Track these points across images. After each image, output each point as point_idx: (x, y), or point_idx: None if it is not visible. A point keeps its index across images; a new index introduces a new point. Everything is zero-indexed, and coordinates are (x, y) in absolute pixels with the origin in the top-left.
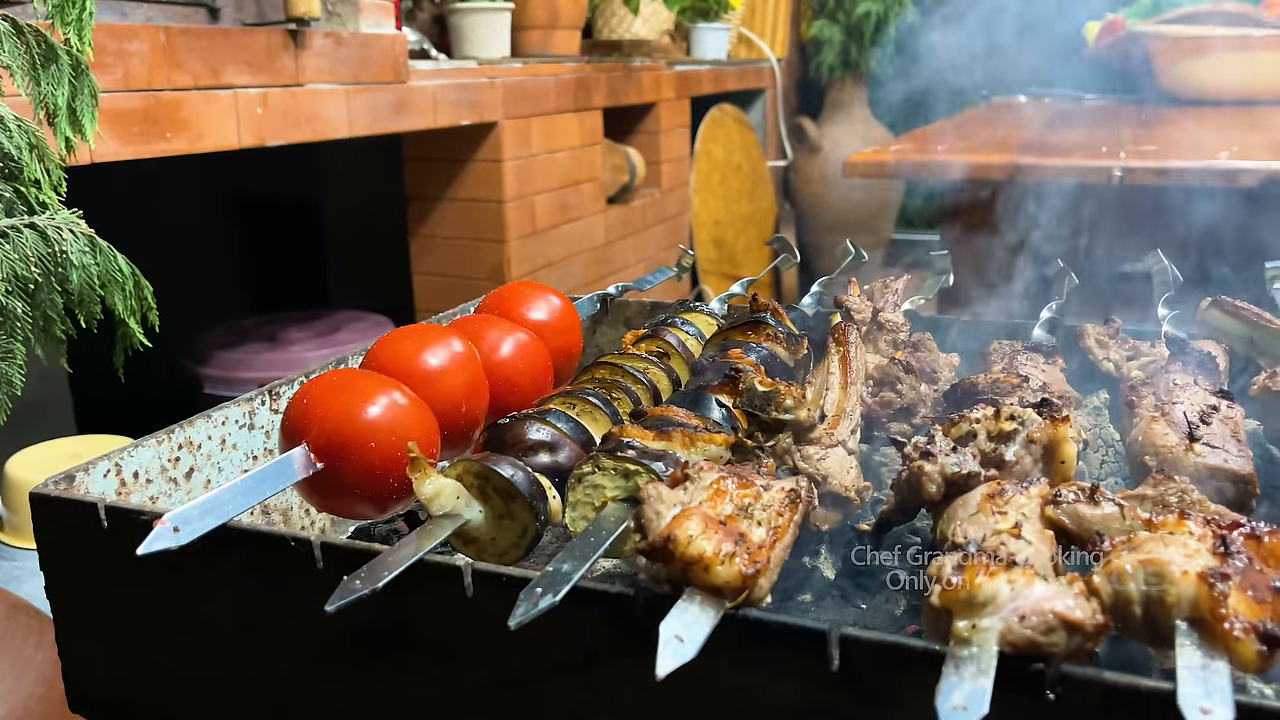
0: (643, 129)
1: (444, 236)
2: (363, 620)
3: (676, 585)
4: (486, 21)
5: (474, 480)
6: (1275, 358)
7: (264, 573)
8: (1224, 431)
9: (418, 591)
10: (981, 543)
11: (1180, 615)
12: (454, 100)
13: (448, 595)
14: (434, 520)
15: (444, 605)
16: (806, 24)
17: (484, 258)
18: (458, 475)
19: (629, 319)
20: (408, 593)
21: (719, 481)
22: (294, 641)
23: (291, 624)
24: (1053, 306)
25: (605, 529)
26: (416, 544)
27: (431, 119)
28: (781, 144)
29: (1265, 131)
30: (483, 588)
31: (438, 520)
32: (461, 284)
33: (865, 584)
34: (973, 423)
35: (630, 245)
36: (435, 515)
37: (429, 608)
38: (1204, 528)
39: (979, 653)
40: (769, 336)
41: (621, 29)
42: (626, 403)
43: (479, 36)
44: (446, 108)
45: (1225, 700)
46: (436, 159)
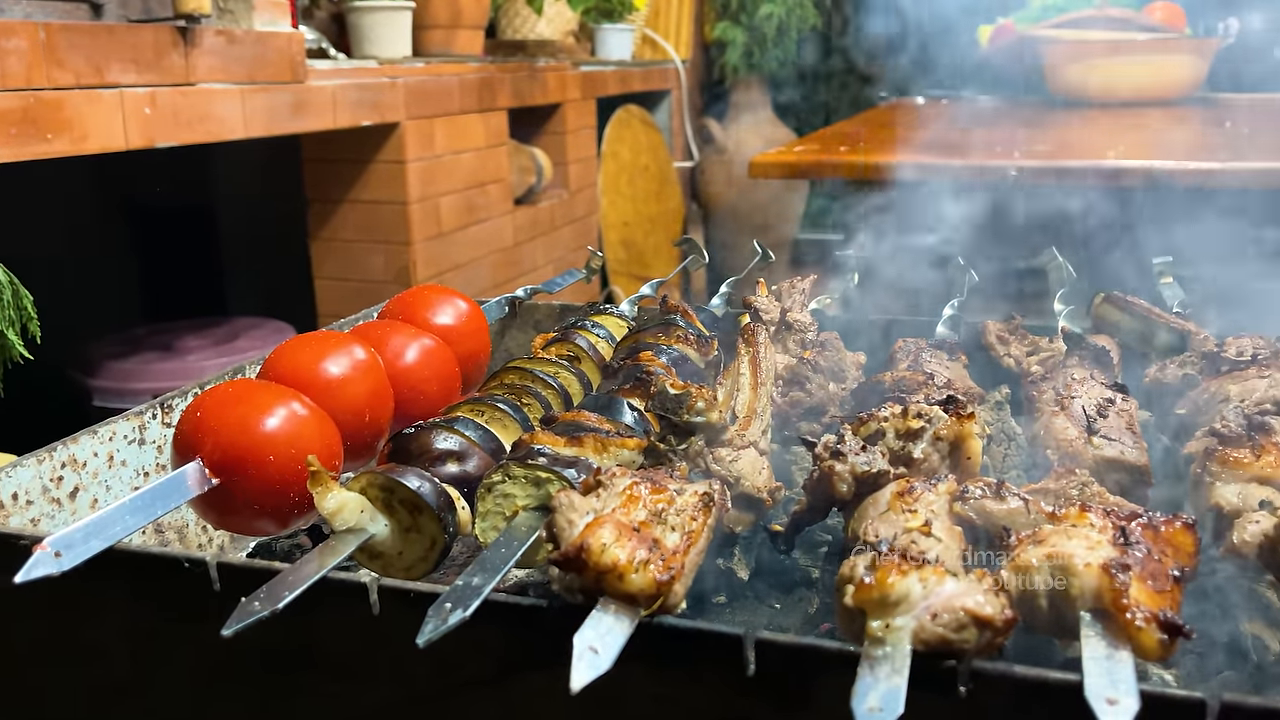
0: (549, 130)
1: (346, 239)
2: (264, 642)
3: (590, 595)
4: (387, 20)
5: (379, 493)
6: (1164, 350)
7: (156, 597)
8: (1120, 424)
9: (321, 611)
10: (893, 541)
11: (1084, 607)
12: (354, 100)
13: (353, 613)
14: (337, 536)
15: (349, 624)
16: (710, 26)
17: (388, 261)
18: (361, 488)
19: (538, 322)
20: (311, 612)
21: (632, 487)
22: (189, 668)
23: (186, 650)
24: (954, 304)
25: (517, 539)
26: (319, 561)
27: (331, 119)
28: (687, 145)
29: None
30: (390, 605)
31: (341, 536)
32: (366, 288)
33: (778, 583)
34: (881, 421)
35: (539, 247)
36: (339, 530)
37: (333, 627)
38: (1104, 519)
39: (893, 652)
40: (679, 338)
41: (525, 29)
42: (537, 408)
43: (379, 35)
44: (347, 108)
45: (1130, 690)
46: (337, 160)
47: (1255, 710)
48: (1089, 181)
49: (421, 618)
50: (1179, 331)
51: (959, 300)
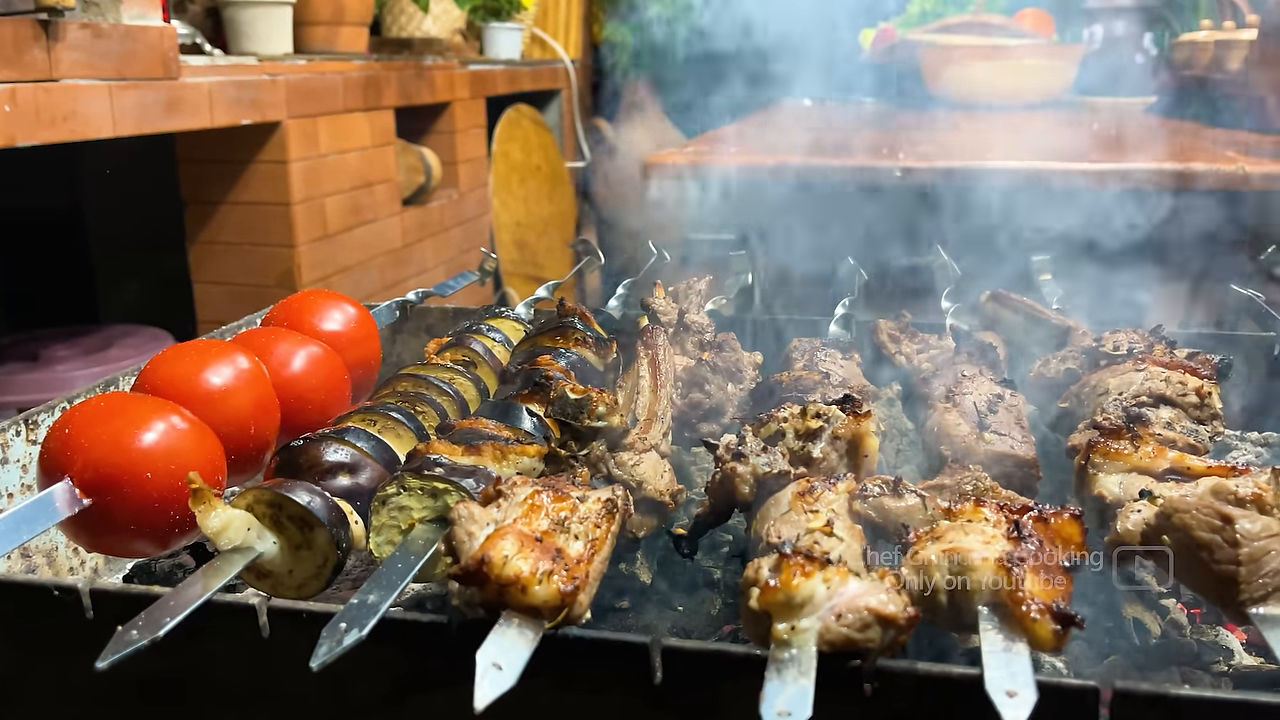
0: (437, 129)
1: (227, 242)
2: (144, 673)
3: (493, 609)
4: (265, 16)
5: (266, 509)
6: (1047, 346)
7: (22, 629)
8: (1009, 419)
9: (207, 636)
10: (796, 542)
11: (982, 601)
12: (232, 98)
13: (241, 637)
14: (222, 556)
15: (237, 649)
16: (599, 26)
17: (272, 264)
18: (247, 505)
19: (431, 326)
20: (195, 639)
21: (534, 496)
22: (60, 705)
23: (57, 685)
24: (846, 303)
25: (414, 553)
26: (203, 583)
27: (208, 118)
28: (579, 145)
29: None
30: (280, 626)
31: (227, 555)
32: (248, 292)
33: (680, 585)
34: (781, 422)
35: (429, 248)
36: (224, 550)
37: (220, 653)
38: (998, 513)
39: (799, 654)
40: (578, 341)
41: (411, 27)
42: (432, 416)
43: (257, 31)
44: (224, 106)
45: (1028, 682)
46: (215, 160)
47: (1144, 695)
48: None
49: (315, 639)
50: (1060, 327)
51: (850, 299)
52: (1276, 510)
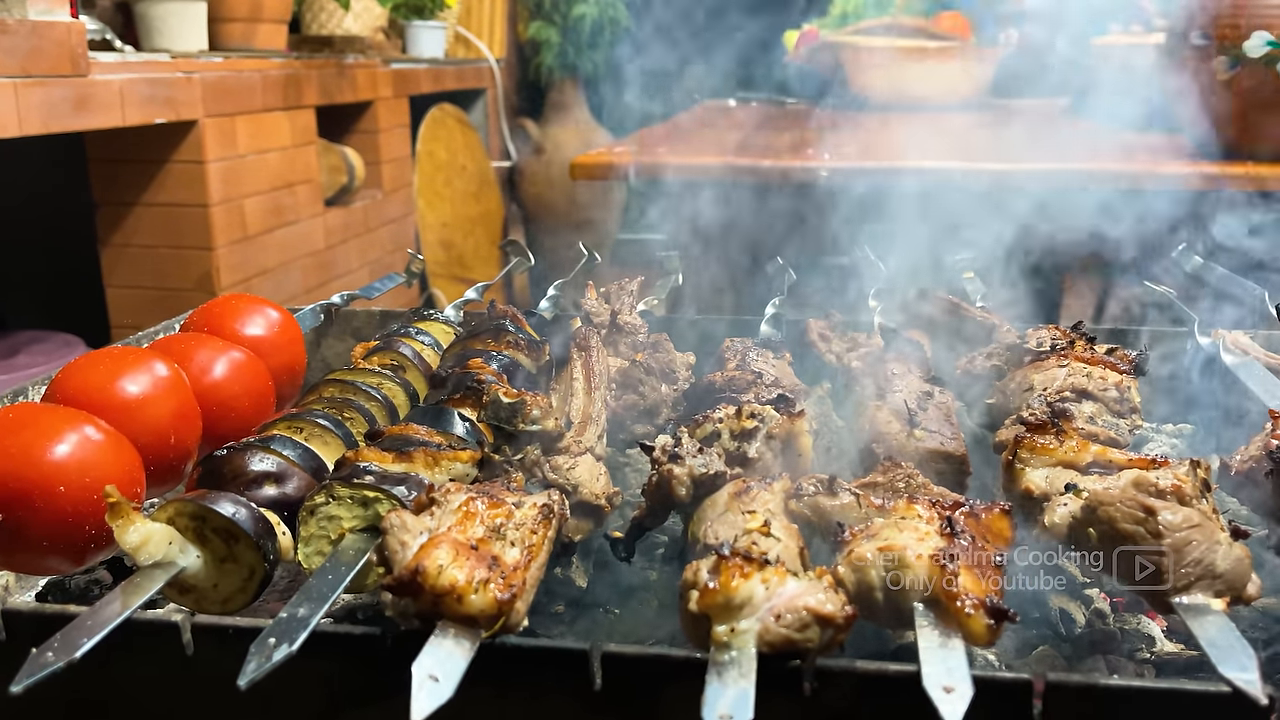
0: (360, 128)
1: (142, 245)
2: (64, 696)
3: (428, 619)
4: (178, 12)
5: (188, 522)
6: (972, 343)
7: None
8: (938, 416)
9: (127, 656)
10: (733, 543)
11: (917, 597)
12: (145, 96)
13: (164, 656)
14: (143, 571)
15: (160, 668)
16: (524, 25)
17: (190, 267)
18: (169, 518)
19: (357, 330)
20: (115, 659)
21: (468, 503)
22: None
23: None
24: (776, 302)
25: (344, 564)
26: (122, 600)
27: (119, 116)
28: (505, 145)
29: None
30: (205, 644)
31: (147, 571)
32: (166, 297)
33: (617, 588)
34: (716, 422)
35: (353, 249)
36: (144, 565)
37: (142, 673)
38: (931, 510)
39: (739, 656)
40: (510, 344)
41: (332, 24)
42: (360, 423)
43: (170, 28)
44: (137, 104)
45: (964, 677)
46: (129, 160)
47: (1075, 686)
48: (894, 181)
49: (242, 656)
50: (985, 324)
51: (780, 299)
52: (1195, 501)
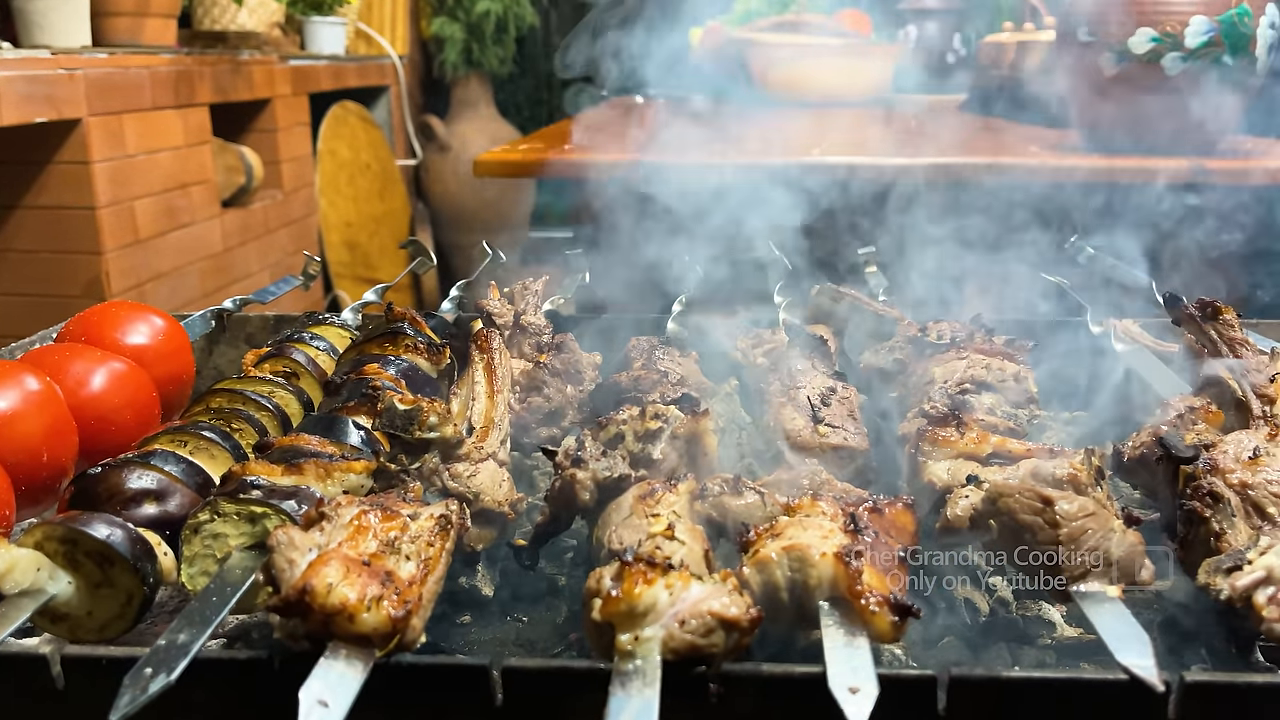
0: (257, 127)
1: (23, 250)
2: None
3: (318, 640)
4: (59, 6)
5: (59, 546)
6: (875, 336)
7: None
8: (842, 411)
9: None
10: (637, 548)
11: (822, 596)
12: (24, 94)
13: (32, 689)
14: (9, 600)
15: (29, 702)
16: (426, 21)
17: (76, 272)
18: (36, 542)
19: (251, 336)
20: None
21: (360, 517)
22: None
23: None
24: (682, 300)
25: (230, 585)
26: None
27: None
28: (410, 142)
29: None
30: (77, 676)
31: (13, 600)
32: (49, 304)
33: (524, 595)
34: (619, 424)
35: (252, 251)
36: (9, 594)
37: (10, 707)
38: (834, 506)
39: (643, 665)
40: (408, 347)
41: (225, 19)
42: (250, 434)
43: (51, 23)
44: (14, 102)
45: (869, 676)
46: (7, 161)
47: (978, 680)
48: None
49: (116, 689)
50: (887, 318)
51: (686, 296)
52: (1091, 489)
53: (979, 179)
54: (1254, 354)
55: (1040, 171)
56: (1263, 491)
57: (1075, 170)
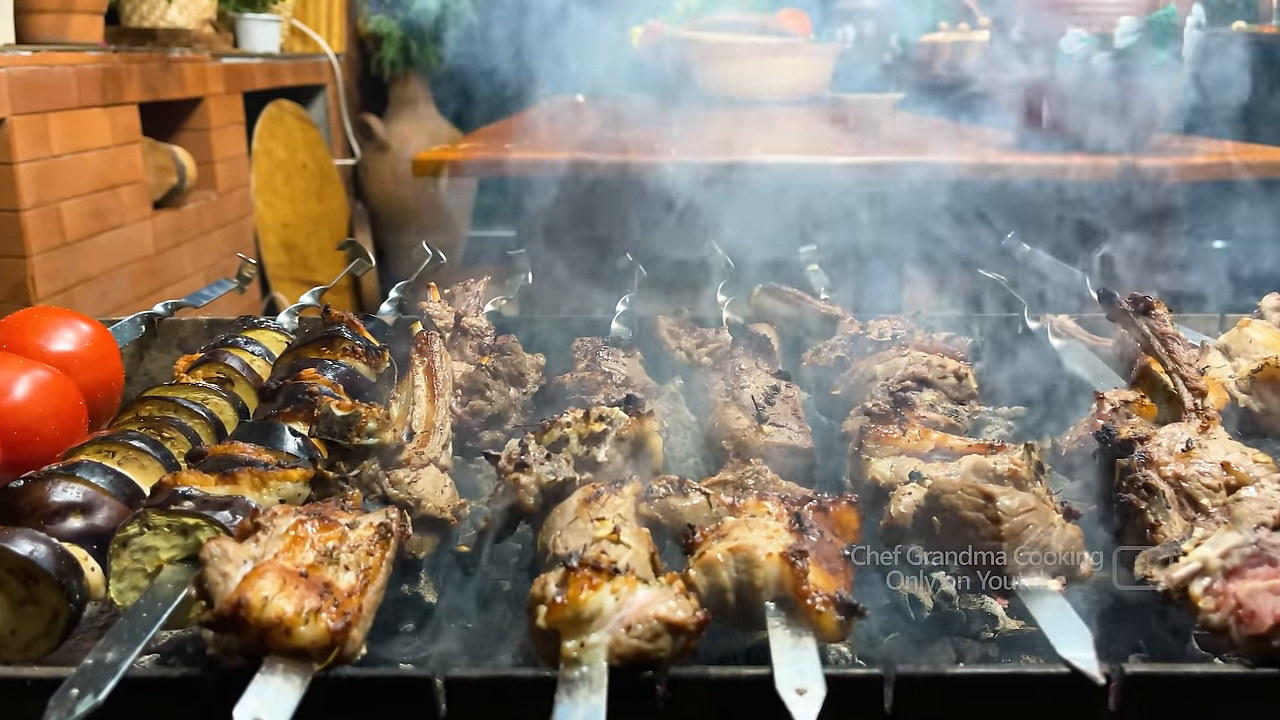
0: (190, 126)
1: None
2: None
3: (254, 655)
4: None
5: None
6: (817, 334)
7: None
8: (786, 410)
9: None
10: (582, 553)
11: (768, 597)
12: None
13: None
14: None
15: None
16: (364, 19)
17: (1, 277)
18: None
19: (184, 341)
20: None
21: (297, 526)
22: None
23: None
24: (626, 300)
25: (161, 600)
26: None
27: None
28: (348, 142)
29: (786, 128)
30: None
31: None
32: None
33: (469, 601)
34: (563, 427)
35: (186, 254)
36: None
37: None
38: (779, 506)
39: (590, 671)
40: (346, 351)
41: (155, 16)
42: (182, 443)
43: None
44: None
45: (817, 677)
46: None
47: (924, 677)
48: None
49: (43, 710)
50: (829, 316)
51: (630, 296)
52: (1031, 484)
53: (917, 177)
54: (1185, 348)
55: (976, 169)
56: (1195, 483)
57: (1010, 168)
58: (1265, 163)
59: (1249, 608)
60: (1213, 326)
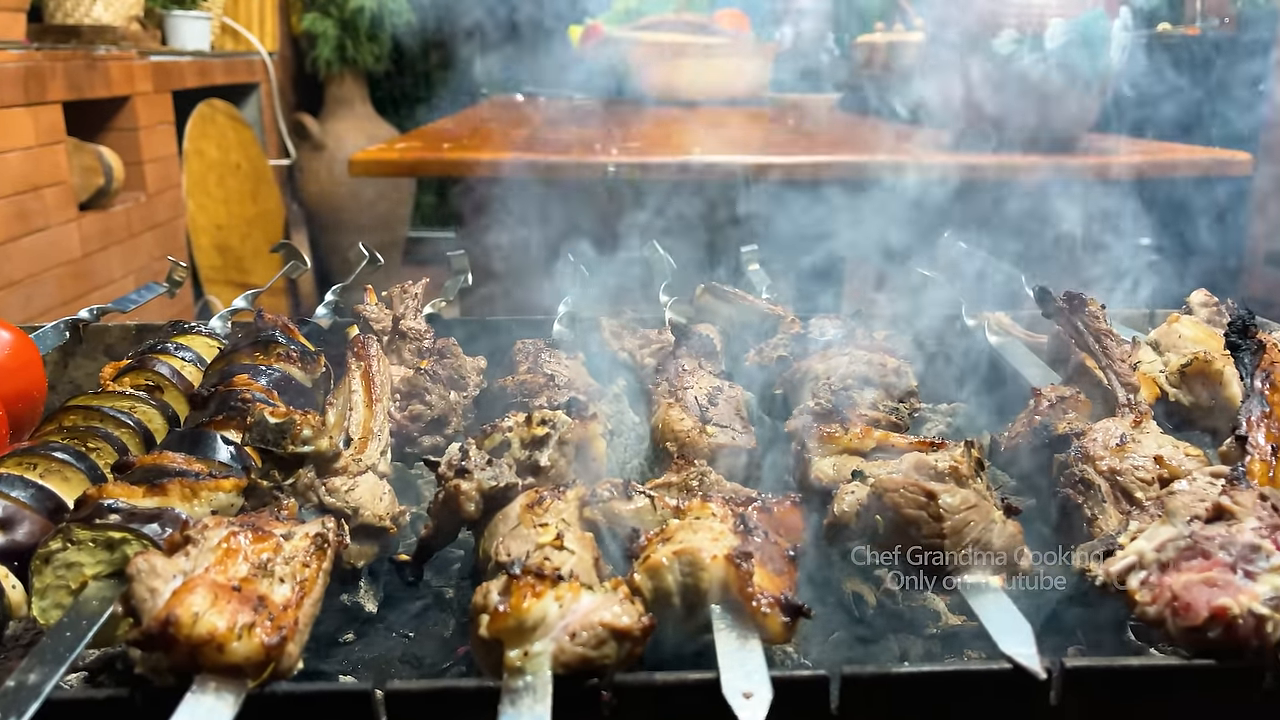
0: (117, 126)
1: None
2: None
3: (185, 674)
4: None
5: None
6: (759, 334)
7: None
8: (729, 410)
9: None
10: (525, 560)
11: (714, 600)
12: None
13: None
14: None
15: None
16: (297, 16)
17: None
18: None
19: (110, 347)
20: None
21: (229, 538)
22: None
23: None
24: (568, 300)
25: (86, 617)
26: None
27: None
28: (283, 142)
29: (725, 128)
30: None
31: None
32: None
33: (410, 610)
34: (505, 432)
35: (115, 257)
36: None
37: None
38: (724, 508)
39: (534, 680)
40: (280, 356)
41: (79, 13)
42: (109, 453)
43: None
44: None
45: (763, 680)
46: None
47: (869, 677)
48: (680, 176)
49: None
50: (771, 316)
51: (572, 297)
52: (971, 480)
53: (854, 176)
54: (1118, 344)
55: (913, 169)
56: (1130, 477)
57: (946, 168)
58: (1189, 161)
59: (1184, 600)
60: (1143, 322)
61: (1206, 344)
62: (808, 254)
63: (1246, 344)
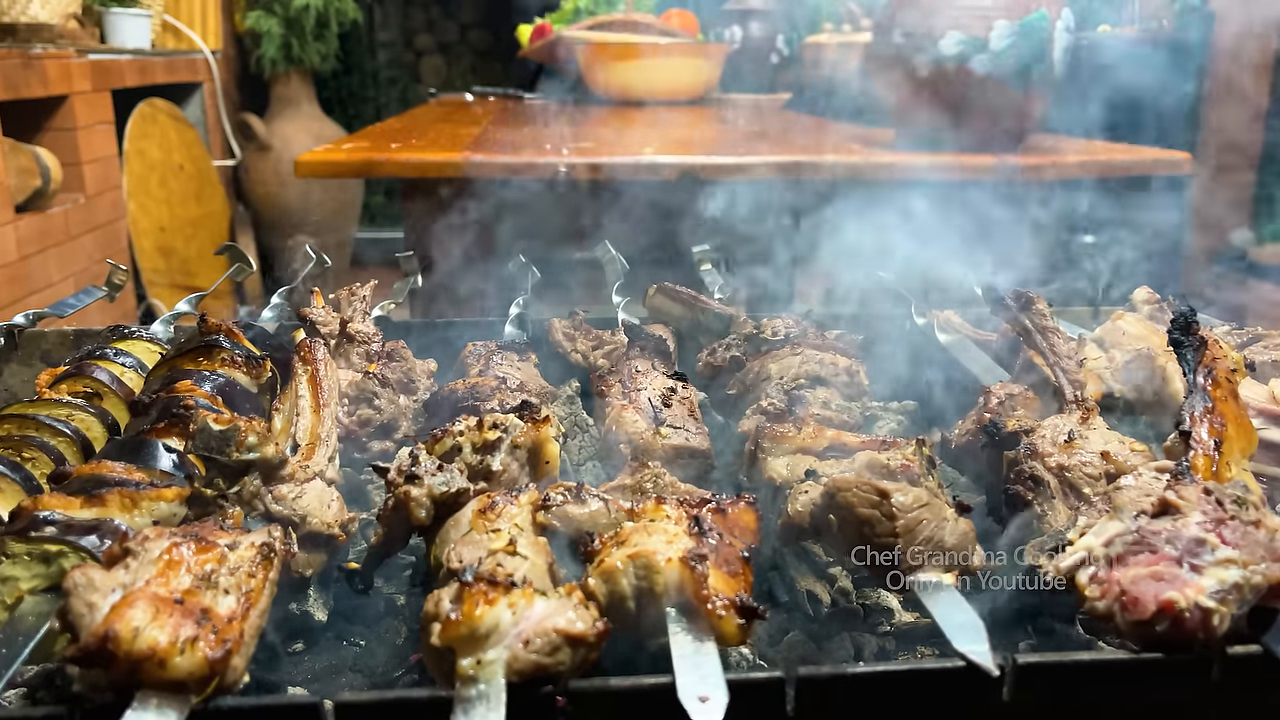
0: (54, 126)
1: None
2: None
3: (125, 690)
4: None
5: None
6: (713, 334)
7: None
8: (683, 411)
9: None
10: (477, 567)
11: (669, 603)
12: None
13: None
14: None
15: None
16: (241, 15)
17: None
18: None
19: (47, 353)
20: None
21: (171, 550)
22: None
23: None
24: (520, 302)
25: (22, 634)
26: None
27: None
28: (227, 142)
29: (676, 128)
30: None
31: None
32: None
33: (361, 618)
34: (456, 436)
35: (52, 260)
36: None
37: None
38: (679, 510)
39: (487, 689)
40: (225, 361)
41: (15, 11)
42: (45, 463)
43: None
44: None
45: (719, 684)
46: None
47: (825, 678)
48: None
49: None
50: (723, 316)
51: (524, 298)
52: (923, 479)
53: (803, 177)
54: (1064, 341)
55: (861, 169)
56: (1078, 473)
57: (893, 168)
58: (1131, 161)
59: (1132, 594)
60: (1088, 319)
61: (1149, 340)
62: (759, 253)
63: (1189, 340)
